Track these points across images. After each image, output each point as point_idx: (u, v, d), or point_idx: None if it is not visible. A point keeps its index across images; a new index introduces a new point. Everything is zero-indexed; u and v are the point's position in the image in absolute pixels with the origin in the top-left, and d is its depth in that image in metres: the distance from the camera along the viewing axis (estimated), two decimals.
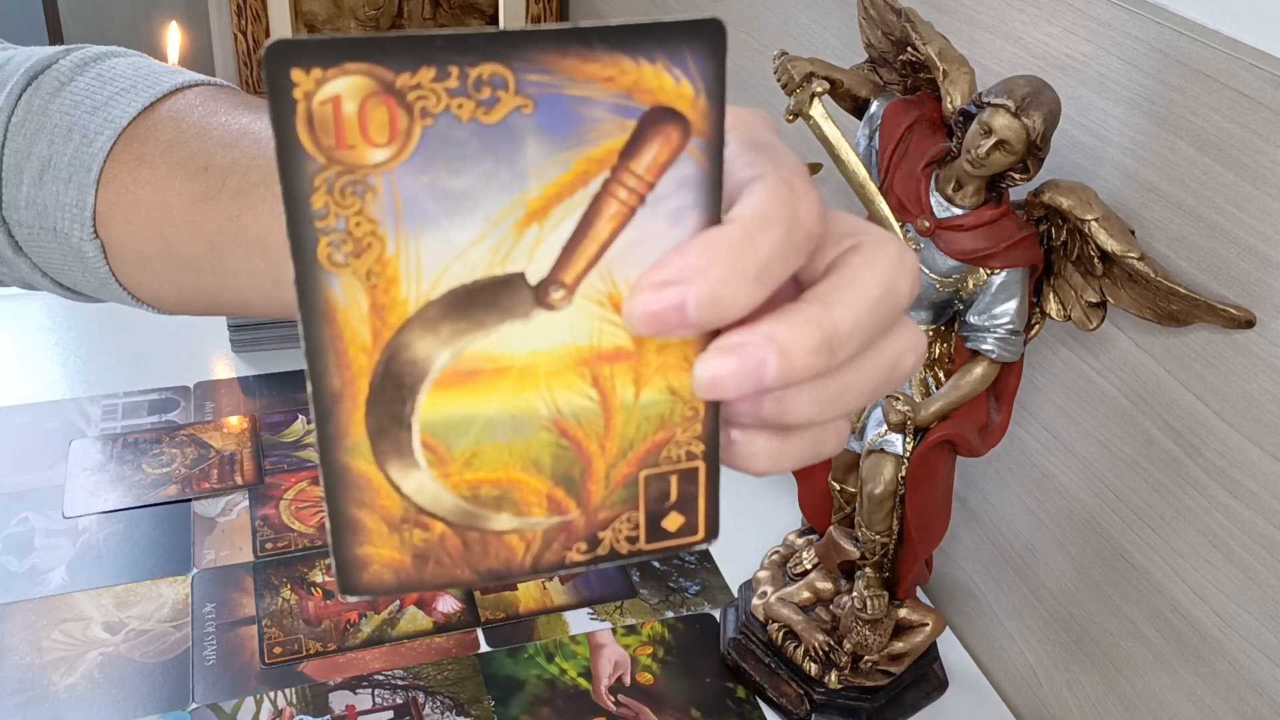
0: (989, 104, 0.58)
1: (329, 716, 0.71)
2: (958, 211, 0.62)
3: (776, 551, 0.81)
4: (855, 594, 0.70)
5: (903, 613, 0.73)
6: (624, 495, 0.31)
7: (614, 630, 0.79)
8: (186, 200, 0.43)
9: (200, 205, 0.42)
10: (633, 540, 0.31)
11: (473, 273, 0.27)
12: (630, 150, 0.27)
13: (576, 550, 0.31)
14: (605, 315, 0.29)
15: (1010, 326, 0.63)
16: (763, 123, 0.31)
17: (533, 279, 0.28)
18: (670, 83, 0.27)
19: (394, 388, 0.28)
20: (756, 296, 0.28)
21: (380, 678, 0.74)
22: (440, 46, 0.25)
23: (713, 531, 0.32)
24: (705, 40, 0.27)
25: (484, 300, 0.28)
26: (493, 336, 0.28)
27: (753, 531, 0.86)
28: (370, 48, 0.25)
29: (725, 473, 0.31)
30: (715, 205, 0.28)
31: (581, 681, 0.75)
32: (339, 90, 0.25)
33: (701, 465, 0.31)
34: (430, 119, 0.26)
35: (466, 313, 0.28)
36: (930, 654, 0.76)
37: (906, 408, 0.65)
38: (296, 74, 0.25)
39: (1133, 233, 0.60)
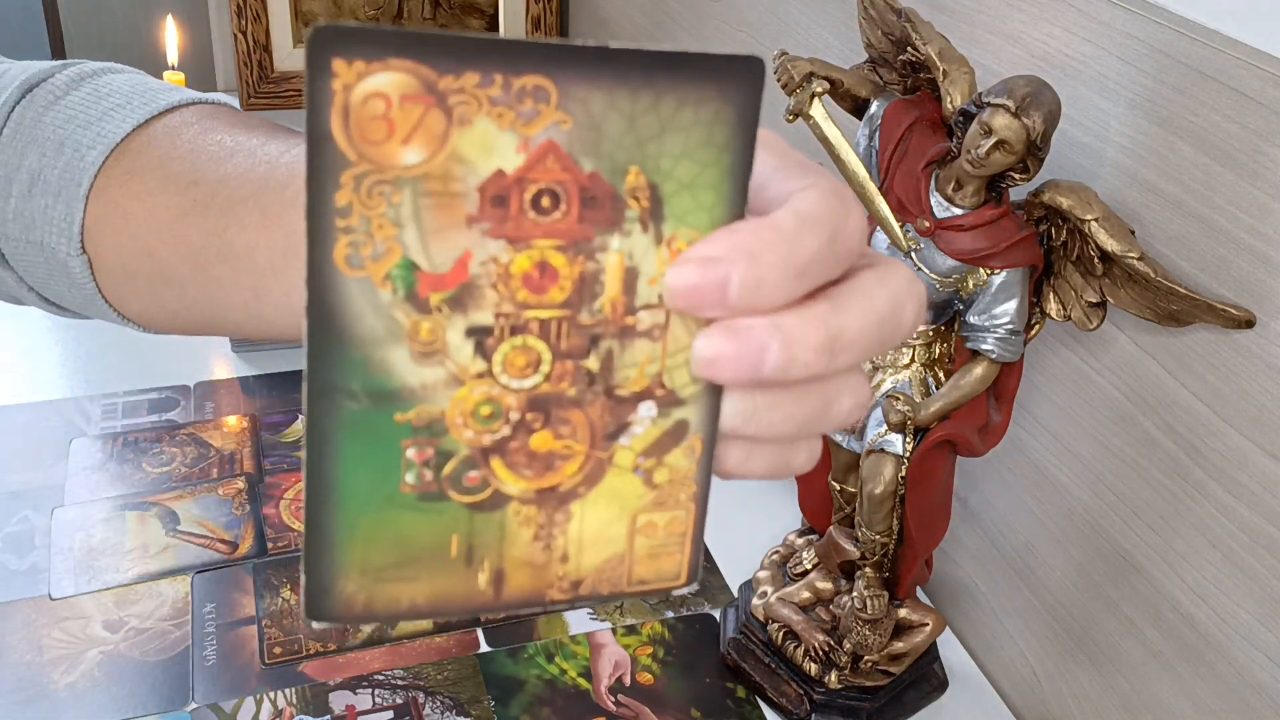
0: (989, 104, 0.58)
1: (329, 716, 0.71)
2: (958, 211, 0.62)
3: (776, 551, 0.81)
4: (855, 594, 0.70)
5: (903, 613, 0.73)
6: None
7: (614, 630, 0.79)
8: (174, 214, 0.42)
9: (187, 219, 0.41)
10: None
11: None
12: None
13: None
14: None
15: (1010, 326, 0.63)
16: (793, 151, 0.31)
17: None
18: None
19: None
20: (794, 292, 0.27)
21: (380, 678, 0.74)
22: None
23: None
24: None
25: None
26: None
27: (753, 531, 0.86)
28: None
29: None
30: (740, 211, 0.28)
31: (581, 681, 0.75)
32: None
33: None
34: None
35: None
36: (930, 654, 0.76)
37: (906, 408, 0.65)
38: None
39: (1133, 233, 0.60)
